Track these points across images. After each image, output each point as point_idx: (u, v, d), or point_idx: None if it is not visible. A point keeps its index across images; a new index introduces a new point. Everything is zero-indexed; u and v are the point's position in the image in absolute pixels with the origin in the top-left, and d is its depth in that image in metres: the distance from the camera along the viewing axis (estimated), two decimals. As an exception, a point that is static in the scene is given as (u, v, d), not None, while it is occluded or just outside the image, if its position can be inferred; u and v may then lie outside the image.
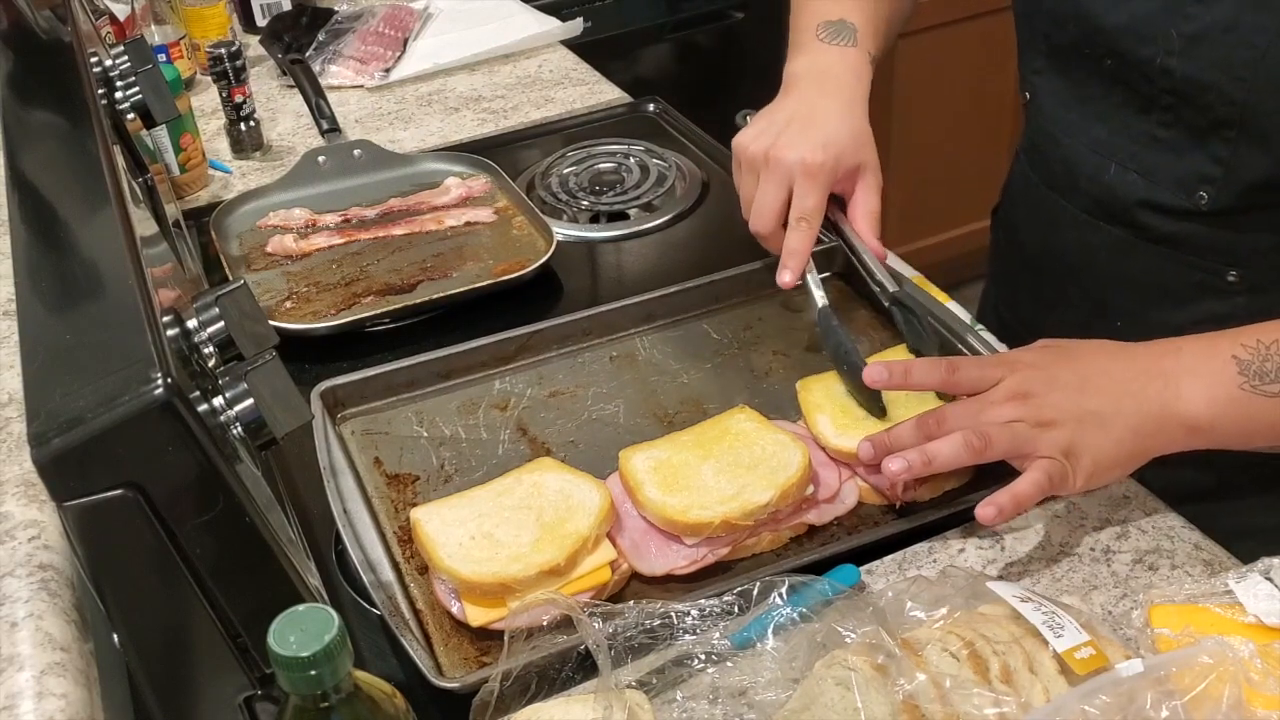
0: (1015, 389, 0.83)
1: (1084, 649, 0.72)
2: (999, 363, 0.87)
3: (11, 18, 1.05)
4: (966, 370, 0.86)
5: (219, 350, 0.72)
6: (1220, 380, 0.80)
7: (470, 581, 0.83)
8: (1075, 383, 0.82)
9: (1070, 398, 0.82)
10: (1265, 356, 0.79)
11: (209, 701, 0.69)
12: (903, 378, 0.89)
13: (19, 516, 0.80)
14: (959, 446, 0.82)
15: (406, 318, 1.20)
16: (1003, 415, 0.83)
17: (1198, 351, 0.82)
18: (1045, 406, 0.82)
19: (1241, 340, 0.81)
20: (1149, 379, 0.81)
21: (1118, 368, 0.83)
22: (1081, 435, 0.81)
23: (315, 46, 1.75)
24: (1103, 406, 0.81)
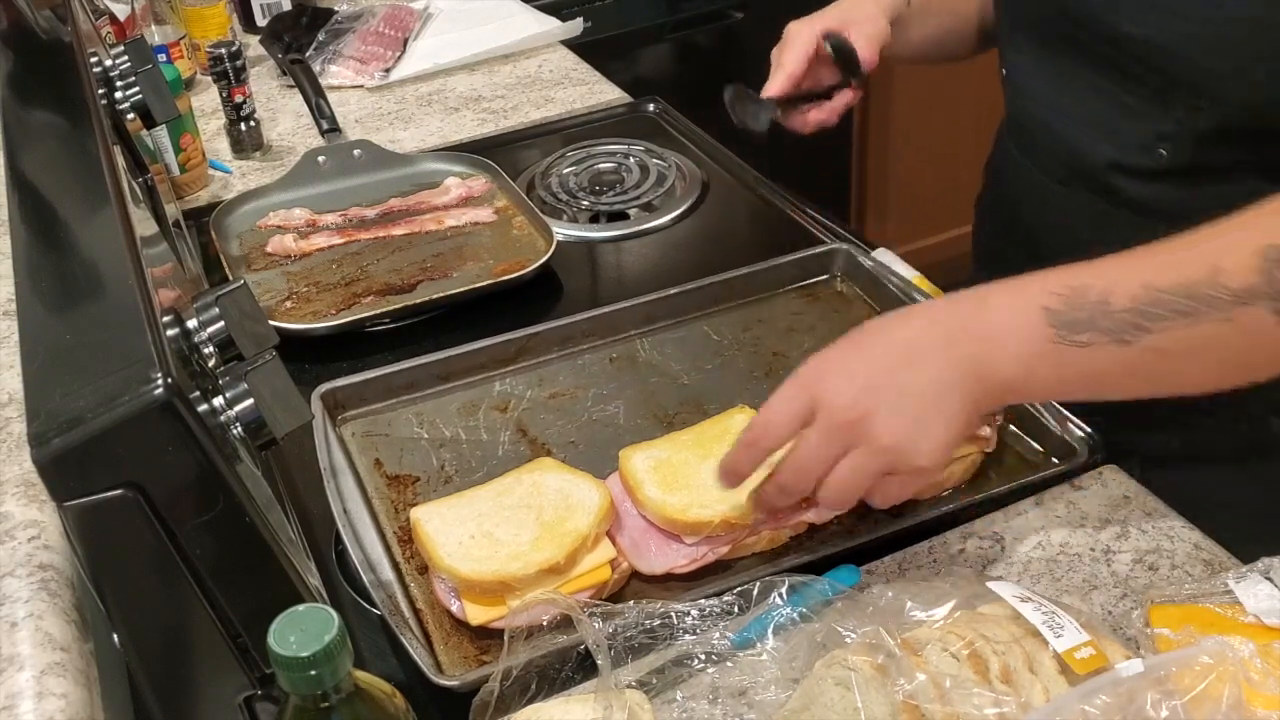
0: (836, 423, 0.77)
1: (1084, 649, 0.72)
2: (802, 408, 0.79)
3: (11, 18, 1.05)
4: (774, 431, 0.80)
5: (219, 350, 0.72)
6: (1031, 335, 0.76)
7: (470, 580, 0.83)
8: (891, 387, 0.76)
9: (892, 411, 0.76)
10: (1075, 305, 0.75)
11: (209, 701, 0.69)
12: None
13: (19, 516, 0.80)
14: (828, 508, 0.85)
15: (406, 318, 1.21)
16: (831, 461, 0.78)
17: (1005, 305, 0.77)
18: (868, 433, 0.76)
19: (1050, 288, 0.76)
20: (964, 343, 0.77)
21: (928, 343, 0.78)
22: (912, 440, 0.76)
23: (315, 46, 1.75)
24: (925, 396, 0.76)
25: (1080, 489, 0.94)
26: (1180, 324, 0.73)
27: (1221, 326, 0.73)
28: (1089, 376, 0.76)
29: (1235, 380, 0.78)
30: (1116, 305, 0.74)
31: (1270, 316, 0.72)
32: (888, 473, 0.79)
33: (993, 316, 0.77)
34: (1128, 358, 0.74)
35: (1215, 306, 0.73)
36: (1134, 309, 0.74)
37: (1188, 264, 0.74)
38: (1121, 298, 0.74)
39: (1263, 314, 0.72)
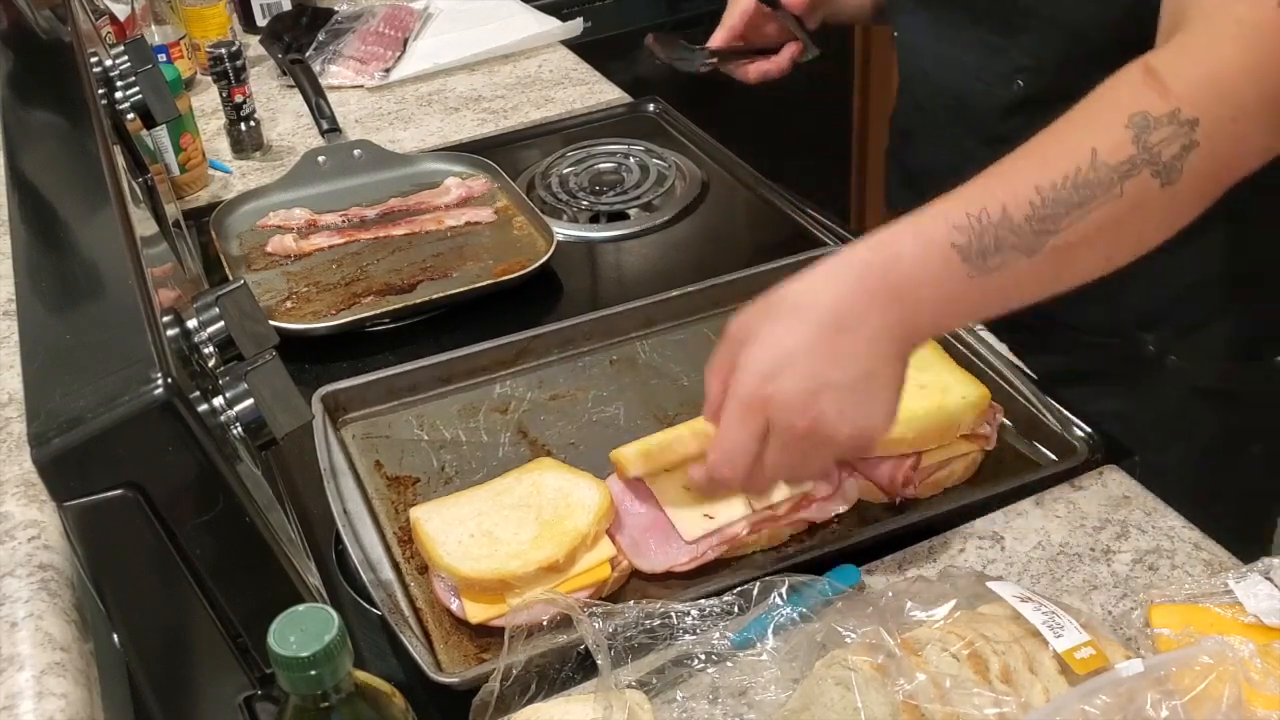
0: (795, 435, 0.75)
1: (1084, 649, 0.72)
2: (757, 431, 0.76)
3: (11, 18, 1.05)
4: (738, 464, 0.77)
5: (219, 350, 0.72)
6: (949, 278, 0.74)
7: (470, 578, 0.83)
8: (832, 371, 0.74)
9: (840, 401, 0.74)
10: (981, 231, 0.74)
11: (209, 701, 0.69)
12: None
13: (19, 516, 0.80)
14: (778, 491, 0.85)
15: (406, 318, 1.21)
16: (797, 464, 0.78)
17: (918, 256, 0.74)
18: (826, 433, 0.75)
19: (953, 222, 0.74)
20: (885, 305, 0.74)
21: (852, 313, 0.74)
22: (868, 421, 0.75)
23: (315, 46, 1.75)
24: (863, 369, 0.74)
25: (1080, 489, 0.94)
26: (1077, 215, 0.74)
27: (1114, 205, 0.74)
28: (1006, 293, 0.76)
29: (1129, 255, 0.78)
30: (1016, 217, 0.73)
31: (1153, 181, 0.74)
32: (849, 454, 0.81)
33: (908, 270, 0.74)
34: (1037, 264, 0.74)
35: (1104, 187, 0.73)
36: (1033, 215, 0.74)
37: (1067, 155, 0.74)
38: (1018, 208, 0.73)
39: (1146, 180, 0.74)
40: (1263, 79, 0.75)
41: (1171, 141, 0.74)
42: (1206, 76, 0.75)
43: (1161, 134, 0.74)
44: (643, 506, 0.91)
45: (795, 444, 0.75)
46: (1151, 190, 0.74)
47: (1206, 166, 0.75)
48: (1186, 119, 0.74)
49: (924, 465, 0.93)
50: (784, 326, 0.75)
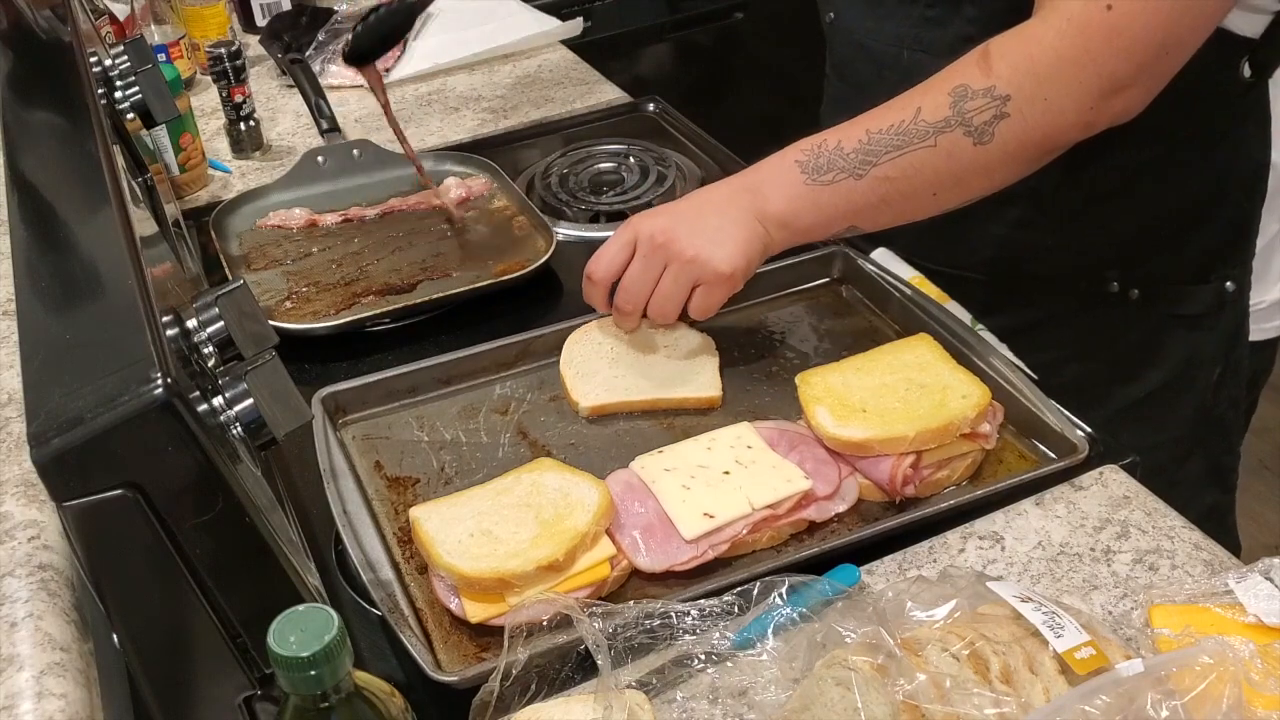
0: (651, 248, 1.01)
1: (1084, 649, 0.72)
2: (626, 241, 1.03)
3: (11, 18, 1.05)
4: (604, 264, 1.05)
5: (219, 350, 0.72)
6: (790, 181, 0.99)
7: (469, 577, 0.83)
8: (691, 218, 1.01)
9: (691, 233, 1.00)
10: (818, 154, 0.97)
11: (209, 701, 0.69)
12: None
13: (19, 516, 0.80)
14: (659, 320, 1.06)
15: (406, 318, 1.20)
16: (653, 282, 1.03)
17: (771, 164, 1.01)
18: (675, 250, 1.00)
19: (800, 147, 0.99)
20: (742, 194, 1.01)
21: (718, 195, 1.02)
22: (710, 251, 0.99)
23: (315, 46, 1.75)
24: (717, 224, 1.00)
25: (1080, 489, 0.94)
26: (895, 154, 0.95)
27: (928, 152, 0.94)
28: (840, 209, 0.98)
29: (954, 197, 0.98)
30: (847, 148, 0.97)
31: (964, 139, 0.93)
32: (697, 283, 1.01)
33: (762, 174, 1.01)
34: (865, 188, 0.96)
35: (919, 136, 0.94)
36: (859, 149, 0.96)
37: (896, 111, 0.96)
38: (850, 143, 0.97)
39: (957, 138, 0.93)
40: (1078, 67, 0.90)
41: (984, 110, 0.92)
42: (1027, 61, 0.92)
43: (976, 104, 0.92)
44: (643, 506, 0.91)
45: (651, 256, 1.01)
46: (963, 146, 0.93)
47: (1017, 134, 0.92)
48: (1000, 94, 0.92)
49: (924, 465, 0.93)
50: (683, 199, 1.06)
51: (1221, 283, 1.17)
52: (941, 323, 1.08)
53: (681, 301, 1.02)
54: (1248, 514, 1.37)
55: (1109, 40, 0.89)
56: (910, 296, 1.12)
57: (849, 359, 1.02)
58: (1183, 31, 0.90)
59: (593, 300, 1.08)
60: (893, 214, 0.99)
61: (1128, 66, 0.90)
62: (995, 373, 1.02)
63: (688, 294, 1.02)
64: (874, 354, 1.03)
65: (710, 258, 0.99)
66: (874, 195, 0.96)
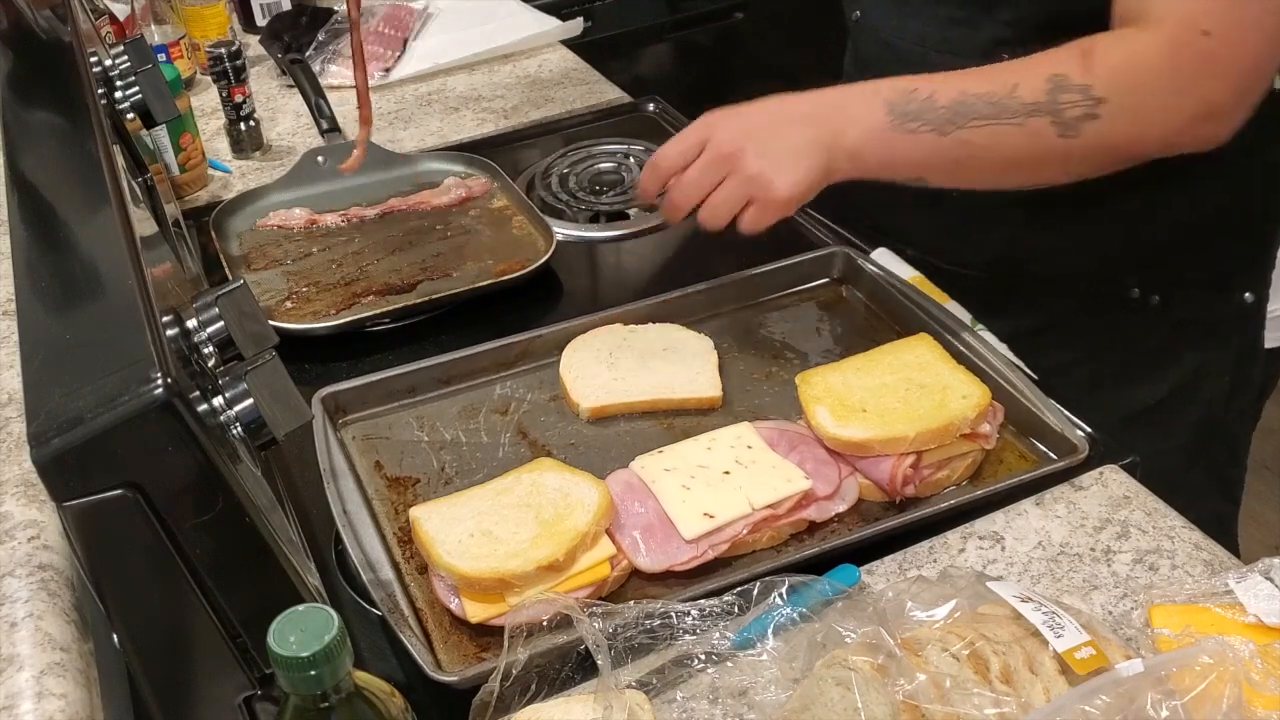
0: (718, 154, 1.01)
1: (1084, 649, 0.72)
2: (696, 141, 1.03)
3: (11, 18, 1.05)
4: (670, 157, 1.05)
5: (219, 350, 0.72)
6: (874, 118, 0.98)
7: (469, 577, 0.83)
8: (764, 131, 1.01)
9: (760, 150, 1.00)
10: (909, 99, 0.97)
11: (209, 701, 0.69)
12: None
13: (19, 516, 0.80)
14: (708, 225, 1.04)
15: (406, 317, 1.20)
16: (710, 186, 1.02)
17: (860, 95, 1.01)
18: (740, 164, 1.00)
19: (895, 87, 0.99)
20: (822, 115, 1.01)
21: (798, 109, 1.02)
22: (772, 173, 0.99)
23: (315, 46, 1.75)
24: (789, 143, 1.00)
25: (1080, 489, 0.94)
26: (983, 122, 0.95)
27: (1014, 129, 0.95)
28: (914, 159, 0.99)
29: (1022, 178, 1.00)
30: (940, 102, 0.96)
31: (1050, 128, 0.94)
32: (752, 201, 1.01)
33: (848, 102, 1.01)
34: (944, 145, 0.96)
35: (1010, 113, 0.94)
36: (951, 106, 0.96)
37: (995, 81, 0.96)
38: (943, 98, 0.96)
39: (1045, 125, 0.94)
40: (1175, 88, 0.92)
41: (1076, 106, 0.93)
42: (1126, 69, 0.93)
43: (1070, 97, 0.93)
44: (643, 506, 0.91)
45: (715, 163, 1.01)
46: (1048, 134, 0.94)
47: (1102, 137, 0.93)
48: (1095, 95, 0.92)
49: (924, 465, 0.93)
50: (753, 103, 1.04)
51: (1240, 293, 1.17)
52: (941, 323, 1.08)
53: (731, 214, 1.02)
54: (1248, 514, 1.37)
55: (1206, 64, 0.90)
56: (910, 296, 1.12)
57: (849, 359, 1.02)
58: (1274, 58, 0.92)
59: (646, 186, 1.08)
60: (961, 178, 1.00)
61: (1223, 92, 0.92)
62: (995, 373, 1.02)
63: (740, 208, 1.02)
64: (874, 354, 1.03)
65: (771, 181, 0.99)
66: (950, 155, 0.97)
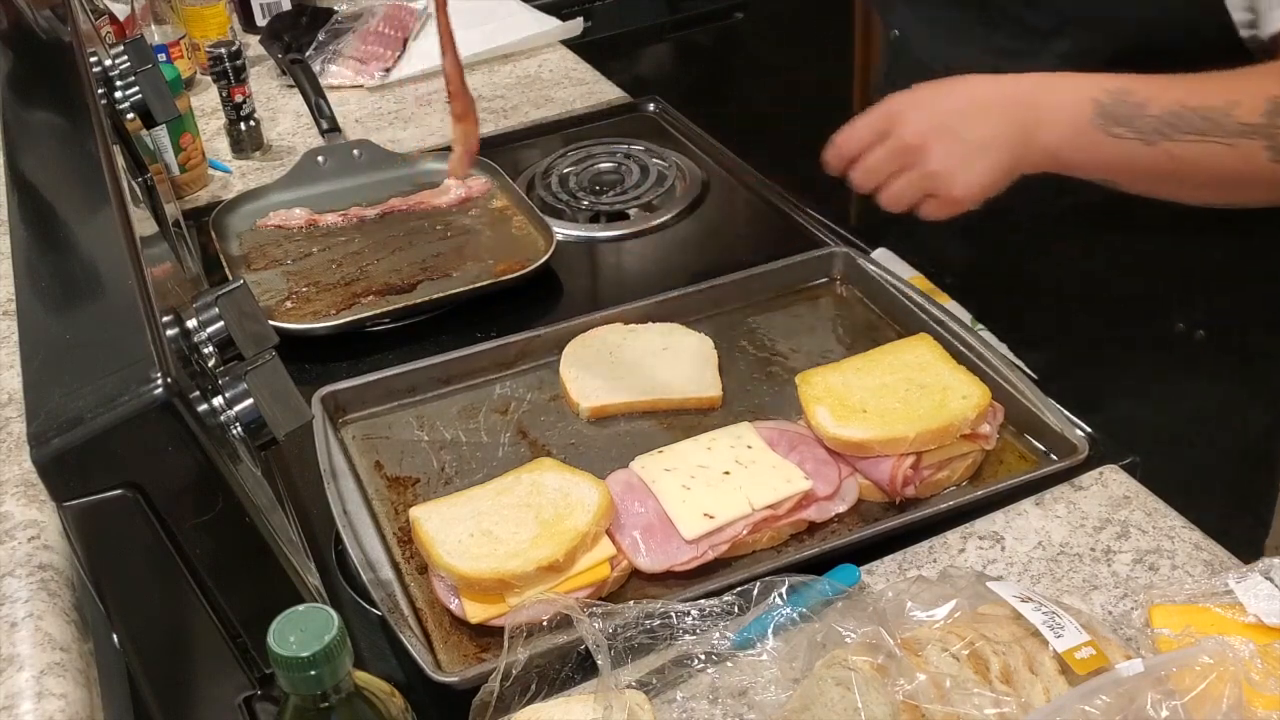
0: (901, 145, 0.96)
1: (1084, 649, 0.72)
2: (881, 130, 0.98)
3: (11, 18, 1.05)
4: (852, 141, 1.00)
5: (219, 350, 0.72)
6: (1078, 116, 0.92)
7: (469, 577, 0.83)
8: (954, 123, 0.95)
9: (948, 148, 0.94)
10: (1120, 103, 0.91)
11: (209, 701, 0.69)
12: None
13: (19, 516, 0.80)
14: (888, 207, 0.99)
15: (406, 318, 1.20)
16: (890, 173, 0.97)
17: (1063, 88, 0.94)
18: (922, 158, 0.95)
19: (1104, 85, 0.92)
20: (1019, 107, 0.95)
21: (992, 97, 0.96)
22: (956, 172, 0.94)
23: (315, 46, 1.75)
24: (979, 138, 0.94)
25: (1080, 489, 0.94)
26: (1195, 138, 0.90)
27: (1225, 149, 0.90)
28: (1113, 164, 0.94)
29: (1222, 197, 0.96)
30: (1152, 110, 0.90)
31: (1264, 152, 0.89)
32: (930, 194, 0.96)
33: (1052, 94, 0.94)
34: (1148, 155, 0.91)
35: (1224, 131, 0.89)
36: (1163, 117, 0.90)
37: (1213, 94, 0.90)
38: (1156, 107, 0.90)
39: (1259, 147, 0.89)
40: None
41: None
42: None
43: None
44: (643, 506, 0.91)
45: (898, 153, 0.96)
46: (1260, 158, 0.90)
47: None
48: None
49: (924, 465, 0.93)
50: (942, 86, 0.97)
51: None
52: (941, 323, 1.08)
53: (911, 205, 0.98)
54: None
55: None
56: (910, 296, 1.12)
57: (849, 359, 1.02)
58: None
59: (829, 159, 1.03)
60: (1156, 189, 0.96)
61: None
62: (995, 373, 1.02)
63: (918, 200, 0.97)
64: (874, 354, 1.03)
65: (952, 180, 0.94)
66: (1152, 165, 0.92)
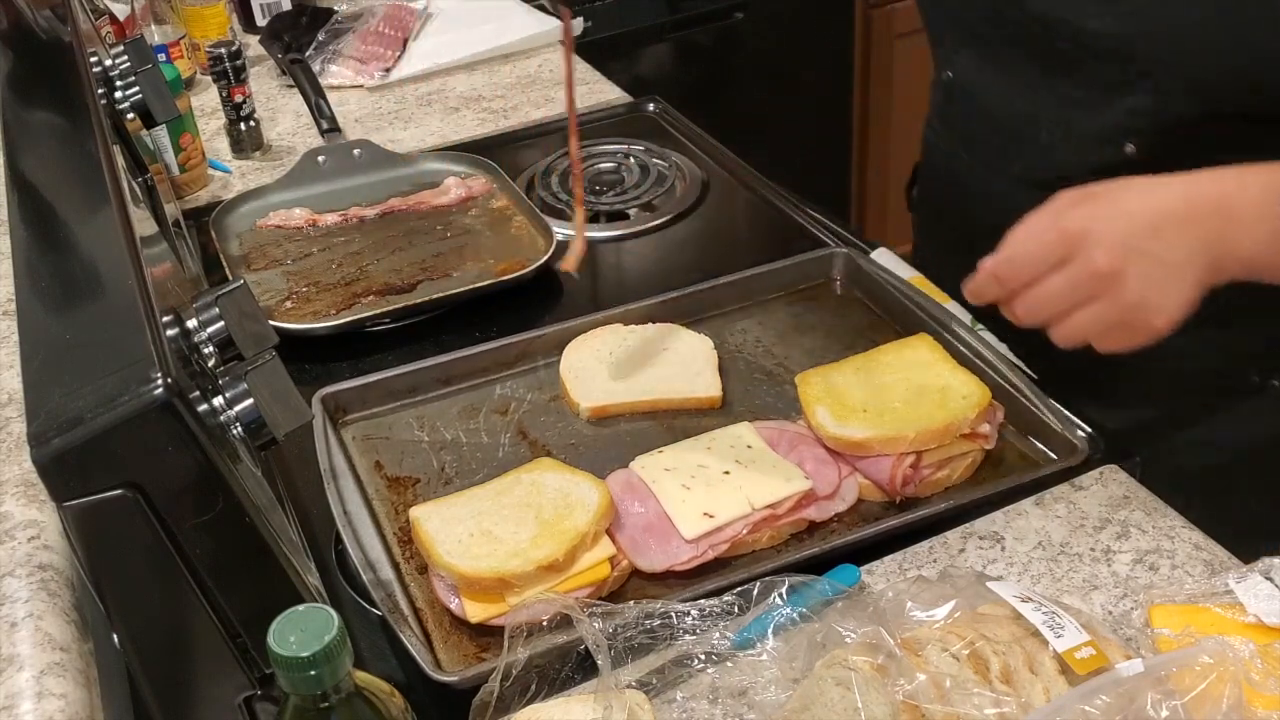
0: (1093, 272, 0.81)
1: (1084, 649, 0.72)
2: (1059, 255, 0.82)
3: (11, 18, 1.05)
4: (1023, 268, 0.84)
5: (219, 350, 0.72)
6: (1269, 219, 0.81)
7: (469, 577, 0.83)
8: (1144, 240, 0.81)
9: (1144, 271, 0.81)
10: None
11: (209, 701, 0.69)
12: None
13: (19, 516, 0.80)
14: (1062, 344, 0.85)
15: (406, 318, 1.20)
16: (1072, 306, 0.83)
17: (1254, 187, 0.82)
18: (1119, 288, 0.81)
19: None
20: (1209, 216, 0.82)
21: (1177, 208, 0.82)
22: (1156, 299, 0.81)
23: (315, 46, 1.75)
24: (1174, 256, 0.81)
25: (1080, 489, 0.94)
26: None
27: None
28: None
29: None
30: None
31: None
32: (1120, 326, 0.83)
33: (1248, 199, 0.82)
34: None
35: None
36: None
37: None
38: None
39: None
40: None
41: None
42: None
43: None
44: (643, 506, 0.91)
45: (1085, 282, 0.81)
46: None
47: None
48: None
49: (924, 465, 0.93)
50: (1119, 197, 0.83)
51: None
52: (941, 323, 1.08)
53: (1094, 339, 0.85)
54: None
55: None
56: (910, 296, 1.12)
57: (849, 359, 1.02)
58: None
59: (979, 291, 0.87)
60: None
61: None
62: (995, 373, 1.02)
63: (1104, 332, 0.84)
64: (874, 354, 1.03)
65: (1152, 312, 0.81)
66: None
